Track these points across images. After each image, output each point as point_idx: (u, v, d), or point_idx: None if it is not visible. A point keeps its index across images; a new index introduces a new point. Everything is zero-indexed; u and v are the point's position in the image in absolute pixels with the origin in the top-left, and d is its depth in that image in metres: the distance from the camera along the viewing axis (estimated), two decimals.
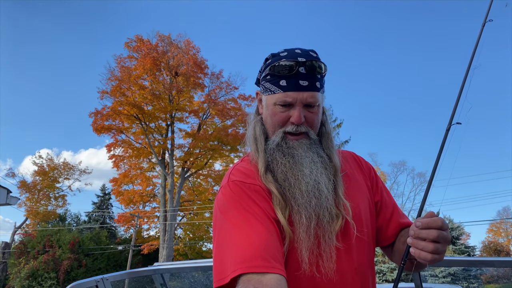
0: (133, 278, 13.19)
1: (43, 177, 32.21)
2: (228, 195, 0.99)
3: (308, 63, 1.00)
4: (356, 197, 1.07)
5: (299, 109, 1.02)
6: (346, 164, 1.15)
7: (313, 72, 1.00)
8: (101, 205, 34.11)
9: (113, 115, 22.60)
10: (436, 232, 0.85)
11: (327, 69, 1.05)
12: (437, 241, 0.86)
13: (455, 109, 1.06)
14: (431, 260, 0.86)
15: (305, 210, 0.97)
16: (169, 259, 21.90)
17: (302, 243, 0.95)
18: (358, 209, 1.06)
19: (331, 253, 0.96)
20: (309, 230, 0.96)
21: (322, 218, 0.97)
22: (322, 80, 1.05)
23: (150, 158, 25.42)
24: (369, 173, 1.18)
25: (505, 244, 37.65)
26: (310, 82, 1.00)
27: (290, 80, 1.00)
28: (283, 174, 1.01)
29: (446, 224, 0.88)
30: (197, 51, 24.25)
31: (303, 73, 1.00)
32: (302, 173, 1.00)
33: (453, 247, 22.14)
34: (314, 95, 1.01)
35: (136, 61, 23.21)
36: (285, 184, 1.00)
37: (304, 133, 1.05)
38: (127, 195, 25.06)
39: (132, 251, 23.63)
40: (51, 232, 25.31)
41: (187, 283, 18.46)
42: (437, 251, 0.86)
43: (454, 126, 1.03)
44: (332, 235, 0.98)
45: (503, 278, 19.73)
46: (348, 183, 1.09)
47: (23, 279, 22.84)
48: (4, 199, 8.07)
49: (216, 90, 24.63)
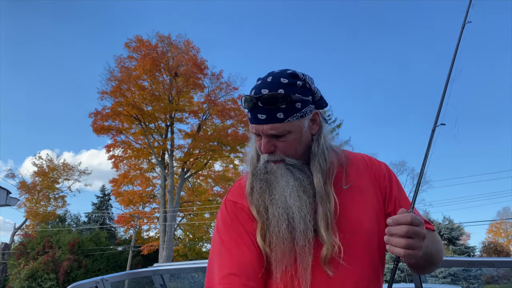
0: (133, 279, 13.17)
1: (43, 178, 32.20)
2: (222, 213, 1.14)
3: (262, 97, 1.03)
4: (359, 212, 1.07)
5: (264, 140, 1.07)
6: (354, 174, 1.14)
7: (270, 105, 1.03)
8: (100, 206, 34.09)
9: (113, 115, 22.60)
10: (405, 227, 0.87)
11: (294, 82, 1.06)
12: (409, 236, 0.88)
13: (439, 111, 1.09)
14: (404, 255, 0.88)
15: (276, 234, 1.03)
16: (168, 260, 21.89)
17: (276, 263, 1.02)
18: (359, 224, 1.06)
19: (306, 276, 1.00)
20: (282, 252, 1.02)
21: (297, 242, 1.01)
22: (291, 107, 1.04)
23: (149, 159, 25.41)
24: (382, 182, 1.15)
25: (505, 245, 37.69)
26: (268, 115, 1.03)
27: (251, 113, 1.06)
28: (258, 199, 1.08)
29: (418, 219, 0.89)
30: (197, 52, 24.28)
31: (261, 107, 1.03)
32: (272, 198, 1.06)
33: (453, 248, 22.15)
34: (274, 127, 1.04)
35: (136, 61, 23.22)
36: (261, 209, 1.07)
37: (280, 160, 1.08)
38: (127, 195, 25.04)
39: (132, 252, 23.62)
40: (51, 233, 25.30)
41: (186, 284, 18.43)
42: (410, 246, 0.87)
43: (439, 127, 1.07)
44: (308, 258, 1.01)
45: (503, 278, 19.74)
46: (352, 197, 1.09)
47: (23, 280, 22.83)
48: (4, 200, 8.07)
49: (216, 90, 24.65)
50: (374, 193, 1.13)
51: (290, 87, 1.05)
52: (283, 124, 1.04)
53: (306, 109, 1.08)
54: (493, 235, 41.30)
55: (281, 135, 1.05)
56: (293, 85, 1.06)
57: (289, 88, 1.05)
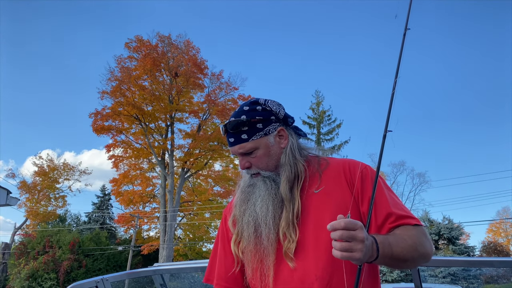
0: (133, 279, 13.19)
1: (43, 177, 32.20)
2: (220, 222, 1.42)
3: (228, 123, 1.27)
4: (324, 213, 1.18)
5: (239, 158, 1.29)
6: (329, 179, 1.25)
7: (234, 129, 1.25)
8: (101, 206, 34.11)
9: (113, 115, 22.60)
10: (340, 232, 0.92)
11: (251, 112, 1.26)
12: (346, 240, 0.92)
13: (388, 119, 1.17)
14: (342, 257, 0.93)
15: (246, 238, 1.24)
16: (169, 259, 21.91)
17: (247, 264, 1.24)
18: (323, 223, 1.12)
19: (268, 272, 1.18)
20: (251, 253, 1.22)
21: (262, 243, 1.20)
22: (253, 128, 1.25)
23: (150, 159, 25.41)
24: (357, 184, 1.21)
25: (505, 244, 37.67)
26: (235, 138, 1.26)
27: (226, 138, 1.30)
28: (239, 209, 1.29)
29: (353, 223, 0.93)
30: (197, 52, 24.28)
31: (230, 132, 1.27)
32: (244, 208, 1.26)
33: (452, 247, 22.15)
34: (241, 146, 1.25)
35: (136, 61, 23.22)
36: (238, 219, 1.29)
37: (257, 173, 1.28)
38: (127, 195, 25.04)
39: (132, 251, 23.64)
40: (51, 233, 25.30)
41: (187, 283, 18.44)
42: (346, 249, 0.92)
43: (389, 133, 1.16)
44: (271, 256, 1.18)
45: (502, 278, 19.73)
46: (321, 200, 1.21)
47: (23, 280, 22.84)
48: (4, 200, 8.07)
49: (216, 90, 24.66)
50: (346, 194, 1.20)
51: (251, 112, 1.26)
52: (248, 143, 1.25)
53: (270, 127, 1.27)
54: (493, 235, 41.31)
55: (249, 152, 1.25)
56: (254, 110, 1.27)
57: (250, 113, 1.26)
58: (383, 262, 1.06)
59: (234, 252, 1.28)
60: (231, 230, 1.31)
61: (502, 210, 40.39)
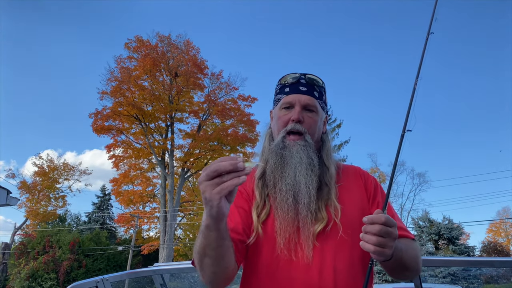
0: (133, 279, 13.18)
1: (43, 177, 32.19)
2: None
3: (308, 75, 1.28)
4: (345, 204, 1.19)
5: (298, 109, 1.23)
6: (346, 178, 1.28)
7: (312, 83, 1.27)
8: (101, 206, 34.11)
9: (113, 115, 22.59)
10: (378, 227, 0.93)
11: (324, 88, 1.32)
12: (381, 235, 0.93)
13: (407, 119, 1.20)
14: (374, 252, 0.94)
15: (282, 206, 1.15)
16: (169, 259, 21.90)
17: (280, 232, 1.13)
18: (345, 214, 1.16)
19: (308, 243, 1.11)
20: (286, 222, 1.13)
21: (300, 213, 1.13)
22: (321, 95, 1.30)
23: (150, 159, 25.41)
24: (369, 187, 1.28)
25: (505, 244, 37.64)
26: (308, 89, 1.26)
27: (293, 86, 1.26)
28: (270, 174, 1.20)
29: (392, 221, 0.94)
30: (197, 52, 24.27)
31: (303, 82, 1.27)
32: (284, 174, 1.17)
33: (452, 247, 22.13)
34: (312, 99, 1.25)
35: (136, 61, 23.20)
36: (270, 184, 1.20)
37: (301, 135, 1.21)
38: (127, 195, 25.05)
39: (132, 251, 23.63)
40: (51, 233, 25.29)
41: (187, 283, 18.42)
42: (380, 244, 0.93)
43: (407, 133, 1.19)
44: (310, 228, 1.12)
45: (503, 278, 19.72)
46: (341, 193, 1.22)
47: (23, 280, 22.83)
48: (4, 200, 8.07)
49: (216, 90, 24.65)
50: (361, 194, 1.25)
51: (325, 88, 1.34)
52: (317, 100, 1.27)
53: (325, 108, 1.34)
54: (493, 235, 41.30)
55: (312, 110, 1.25)
56: (324, 88, 1.34)
57: (324, 87, 1.34)
58: (390, 265, 1.07)
59: (256, 225, 1.17)
60: (255, 203, 1.21)
61: (502, 210, 40.42)
